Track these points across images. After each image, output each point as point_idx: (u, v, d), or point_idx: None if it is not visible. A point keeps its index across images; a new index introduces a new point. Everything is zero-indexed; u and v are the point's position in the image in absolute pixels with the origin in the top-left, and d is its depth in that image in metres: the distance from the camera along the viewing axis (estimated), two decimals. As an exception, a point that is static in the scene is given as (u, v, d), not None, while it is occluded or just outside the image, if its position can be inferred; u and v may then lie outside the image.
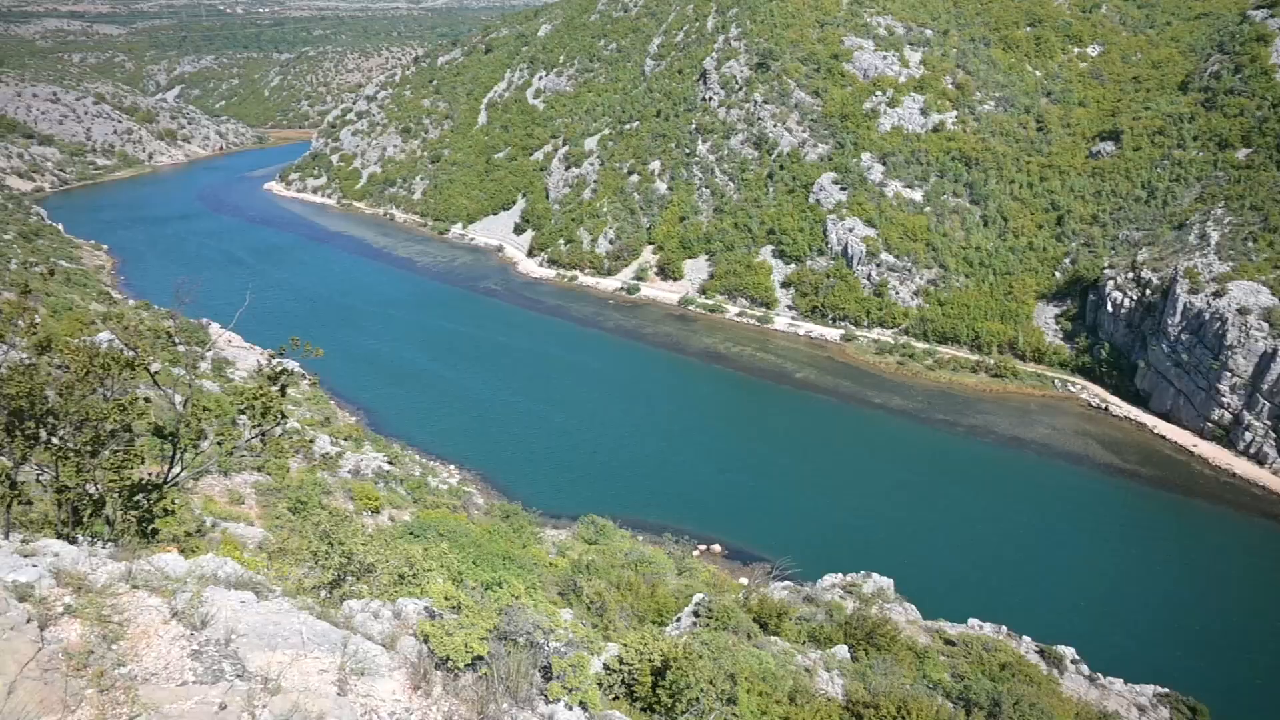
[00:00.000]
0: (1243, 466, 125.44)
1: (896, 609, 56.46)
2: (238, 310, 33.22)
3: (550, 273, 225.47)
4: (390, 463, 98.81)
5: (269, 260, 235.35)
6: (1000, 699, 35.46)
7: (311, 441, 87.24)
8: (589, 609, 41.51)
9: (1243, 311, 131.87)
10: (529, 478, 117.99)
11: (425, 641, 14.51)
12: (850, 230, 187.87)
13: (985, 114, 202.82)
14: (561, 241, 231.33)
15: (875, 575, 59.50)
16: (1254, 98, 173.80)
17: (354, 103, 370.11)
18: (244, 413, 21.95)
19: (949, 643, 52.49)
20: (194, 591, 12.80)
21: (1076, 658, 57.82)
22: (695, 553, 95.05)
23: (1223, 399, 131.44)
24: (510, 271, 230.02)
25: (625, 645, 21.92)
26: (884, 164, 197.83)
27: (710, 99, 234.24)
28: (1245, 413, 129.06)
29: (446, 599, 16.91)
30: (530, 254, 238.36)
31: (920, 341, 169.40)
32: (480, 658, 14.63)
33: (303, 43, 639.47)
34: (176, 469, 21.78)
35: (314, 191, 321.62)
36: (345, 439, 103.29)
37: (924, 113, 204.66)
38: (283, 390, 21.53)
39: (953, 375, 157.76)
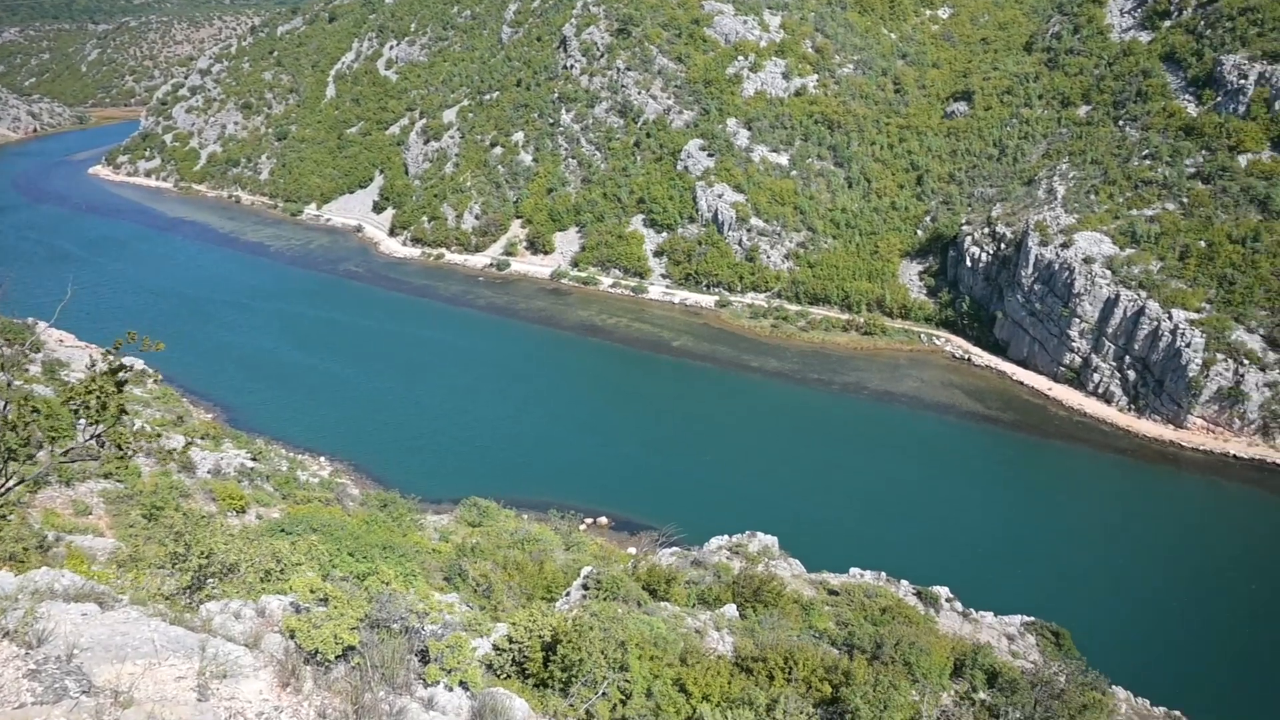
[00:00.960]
0: (1093, 406, 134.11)
1: (782, 565, 57.06)
2: (64, 307, 29.36)
3: (415, 252, 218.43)
4: (254, 459, 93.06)
5: (103, 252, 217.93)
6: (882, 641, 36.13)
7: (157, 436, 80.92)
8: (475, 591, 40.20)
9: (1088, 261, 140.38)
10: (406, 464, 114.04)
11: (292, 637, 14.38)
12: (720, 197, 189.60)
13: (845, 77, 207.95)
14: (425, 219, 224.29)
15: (760, 534, 59.97)
16: (1091, 57, 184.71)
17: (186, 77, 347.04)
18: (77, 412, 19.38)
19: (832, 593, 53.44)
20: (27, 608, 12.09)
21: (950, 596, 60.08)
22: (582, 527, 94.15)
23: (1073, 344, 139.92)
24: (372, 252, 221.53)
25: (514, 624, 21.74)
26: (750, 129, 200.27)
27: (572, 67, 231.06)
28: (1093, 356, 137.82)
29: (313, 592, 16.59)
30: (392, 233, 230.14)
31: (793, 304, 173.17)
32: (352, 648, 14.65)
33: (121, 12, 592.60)
34: (3, 480, 19.13)
35: (147, 175, 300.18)
36: (202, 437, 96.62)
37: (786, 77, 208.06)
38: (120, 385, 19.03)
39: (825, 335, 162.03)
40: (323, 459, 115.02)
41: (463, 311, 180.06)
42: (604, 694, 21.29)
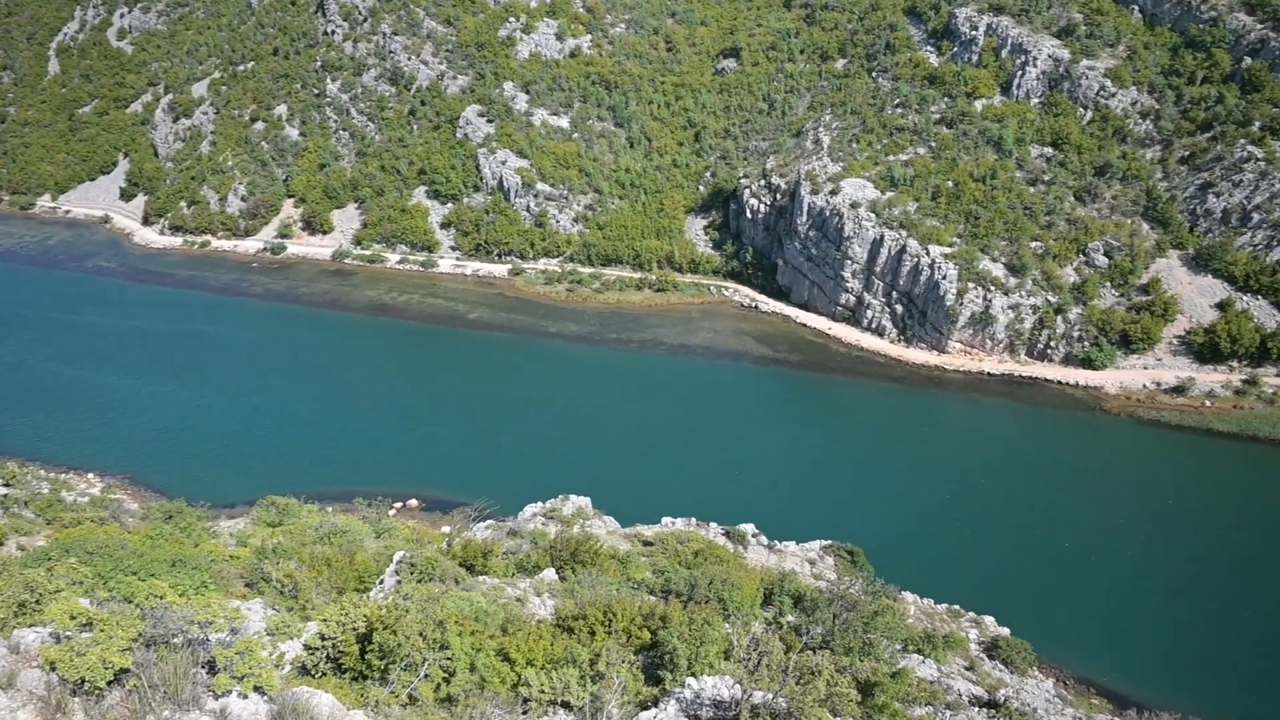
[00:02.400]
0: (869, 341, 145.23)
1: (597, 524, 58.06)
2: None
3: (176, 241, 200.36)
4: (7, 484, 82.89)
5: None
6: (696, 582, 37.67)
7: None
8: (281, 593, 38.05)
9: (854, 206, 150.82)
10: (191, 471, 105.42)
11: (53, 669, 13.70)
12: (503, 163, 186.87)
13: (618, 37, 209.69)
14: (183, 204, 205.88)
15: (573, 497, 60.62)
16: (845, 12, 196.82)
17: None
18: None
19: (647, 543, 55.10)
20: None
21: (756, 532, 63.77)
22: (392, 512, 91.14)
23: (847, 285, 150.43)
24: (125, 244, 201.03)
25: (324, 620, 21.19)
26: (527, 93, 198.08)
27: (333, 32, 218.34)
28: (866, 294, 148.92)
29: (73, 618, 15.62)
30: (147, 222, 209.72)
31: (586, 267, 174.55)
32: (126, 670, 14.03)
33: None
34: None
35: None
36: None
37: (560, 38, 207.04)
38: None
39: (620, 295, 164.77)
40: (91, 476, 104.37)
41: (238, 301, 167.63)
42: (426, 675, 21.01)
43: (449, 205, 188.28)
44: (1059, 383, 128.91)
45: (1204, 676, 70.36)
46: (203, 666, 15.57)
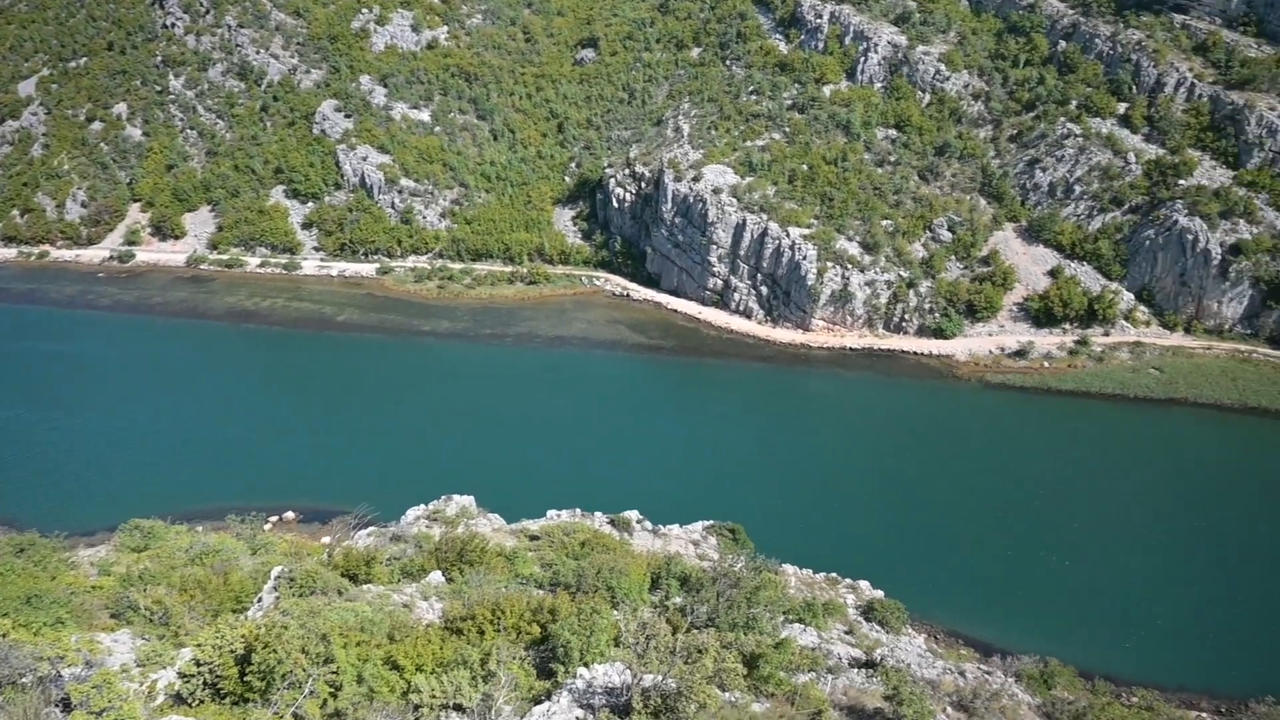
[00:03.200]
0: (738, 323, 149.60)
1: (482, 522, 58.06)
2: None
3: (9, 252, 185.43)
4: None
5: None
6: (584, 573, 38.34)
7: None
8: (151, 621, 36.53)
9: (717, 191, 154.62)
10: (41, 500, 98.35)
11: None
12: (364, 159, 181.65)
13: (475, 28, 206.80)
14: (15, 212, 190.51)
15: (456, 496, 60.33)
16: (696, 1, 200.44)
17: None
18: None
19: (534, 538, 55.54)
20: None
21: (640, 518, 65.09)
22: (267, 527, 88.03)
23: (714, 269, 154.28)
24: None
25: (199, 645, 20.66)
26: (385, 86, 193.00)
27: (174, 25, 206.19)
28: (732, 278, 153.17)
29: None
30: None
31: (456, 262, 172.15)
32: None
33: None
34: None
35: None
36: None
37: (416, 29, 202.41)
38: None
39: (493, 290, 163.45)
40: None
41: (84, 315, 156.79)
42: (311, 692, 20.64)
43: (310, 204, 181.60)
44: (915, 353, 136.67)
45: (1058, 620, 76.12)
46: (57, 705, 14.96)
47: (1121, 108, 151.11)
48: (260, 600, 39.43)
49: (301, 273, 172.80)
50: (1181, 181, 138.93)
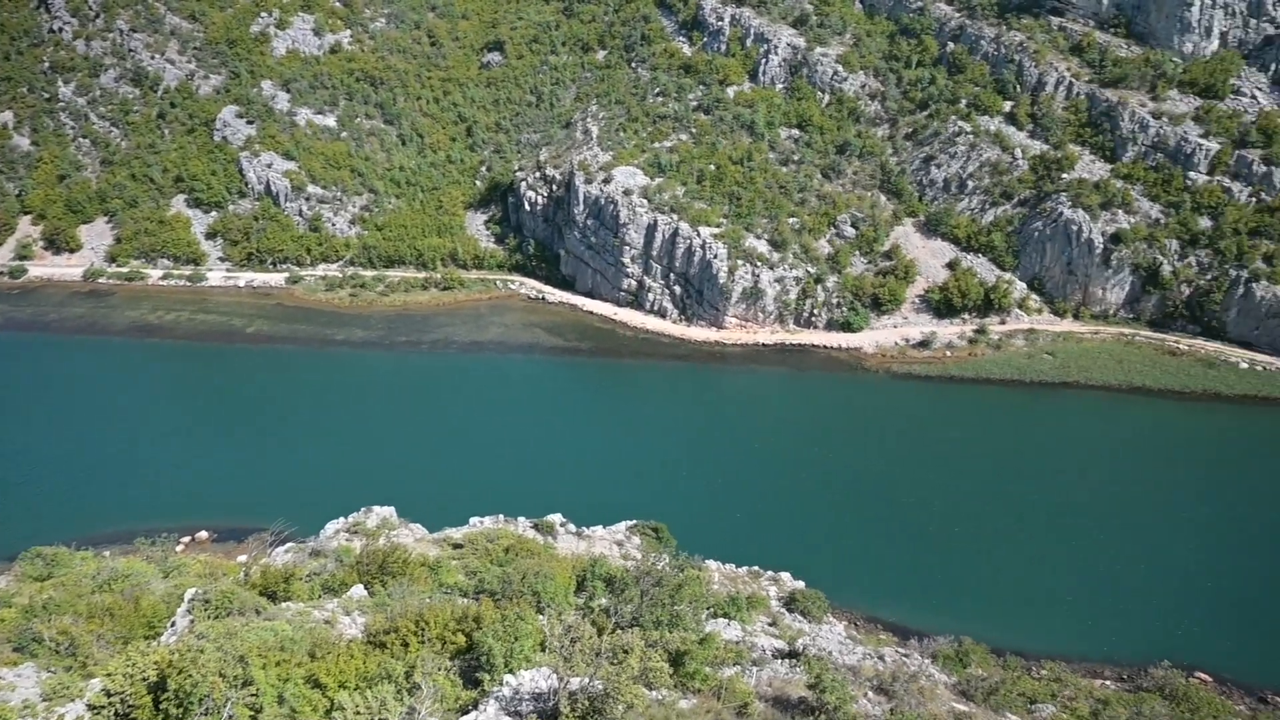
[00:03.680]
0: (653, 323, 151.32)
1: (404, 533, 57.67)
2: None
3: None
4: None
5: None
6: (509, 579, 38.59)
7: None
8: (57, 653, 35.41)
9: (627, 193, 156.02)
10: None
11: None
12: (269, 166, 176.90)
13: (379, 31, 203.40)
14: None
15: (376, 508, 59.73)
16: (600, 4, 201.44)
17: None
18: None
19: (457, 546, 55.44)
20: None
21: (564, 521, 65.50)
22: (179, 548, 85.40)
23: (628, 270, 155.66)
24: None
25: (109, 674, 19.83)
26: (288, 91, 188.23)
27: (61, 30, 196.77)
28: (646, 278, 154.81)
29: None
30: None
31: (368, 270, 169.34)
32: None
33: None
34: None
35: None
36: None
37: (318, 33, 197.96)
38: None
39: (407, 296, 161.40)
40: None
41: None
42: (230, 716, 20.35)
43: (213, 214, 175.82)
44: (825, 347, 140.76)
45: (972, 600, 78.98)
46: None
47: (1007, 106, 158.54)
48: (174, 625, 38.69)
49: (207, 284, 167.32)
50: (1065, 175, 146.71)
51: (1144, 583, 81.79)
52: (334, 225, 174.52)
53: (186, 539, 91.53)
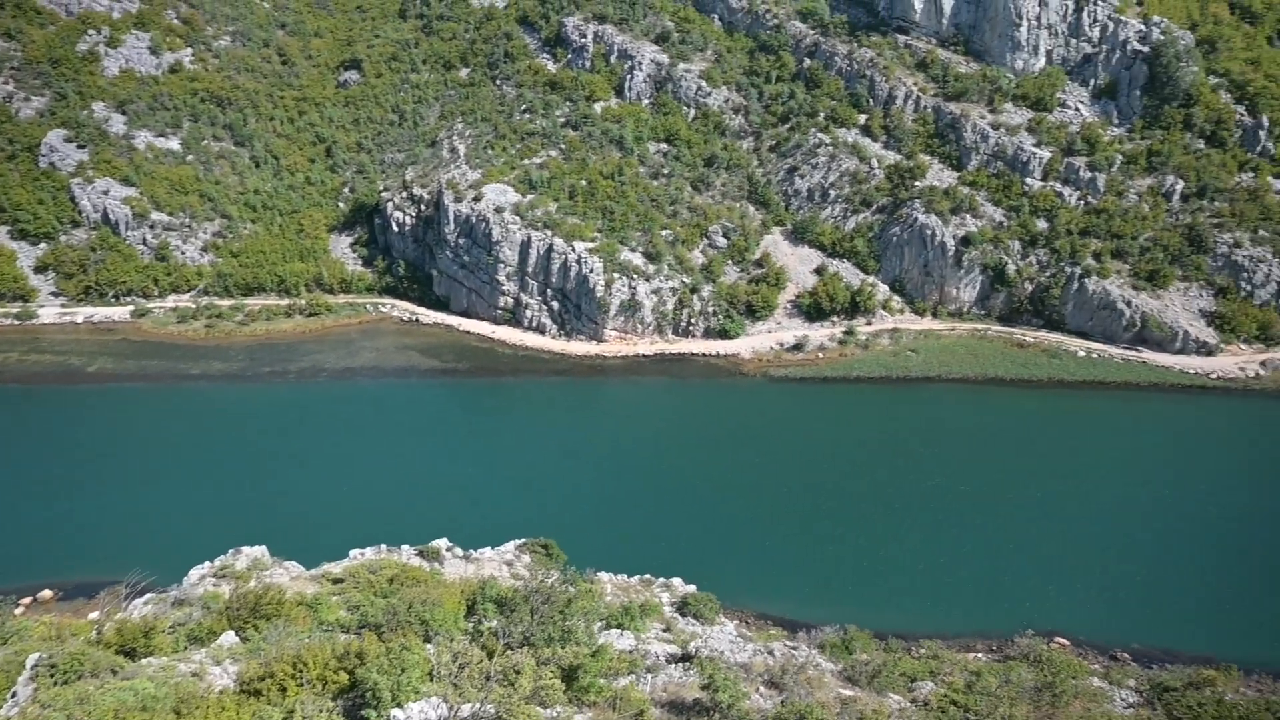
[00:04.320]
0: (532, 340, 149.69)
1: (278, 572, 54.20)
2: None
3: None
4: None
5: None
6: (395, 609, 37.00)
7: None
8: None
9: (499, 210, 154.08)
10: None
11: None
12: (106, 193, 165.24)
13: (224, 50, 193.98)
14: None
15: (246, 548, 56.00)
16: (460, 22, 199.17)
17: None
18: None
19: (338, 581, 52.51)
20: None
21: (450, 545, 63.36)
22: (19, 610, 77.68)
23: (503, 288, 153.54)
24: None
25: None
26: (124, 113, 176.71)
27: None
28: (522, 295, 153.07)
29: None
30: None
31: (225, 299, 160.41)
32: None
33: None
34: None
35: None
36: None
37: (155, 51, 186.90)
38: None
39: (269, 325, 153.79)
40: None
41: None
42: None
43: (43, 246, 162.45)
44: (704, 355, 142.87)
45: (854, 589, 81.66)
46: None
47: (862, 119, 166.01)
48: (14, 695, 34.98)
49: (39, 321, 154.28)
50: (917, 183, 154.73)
51: (1007, 558, 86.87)
52: (183, 254, 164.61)
53: (27, 600, 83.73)
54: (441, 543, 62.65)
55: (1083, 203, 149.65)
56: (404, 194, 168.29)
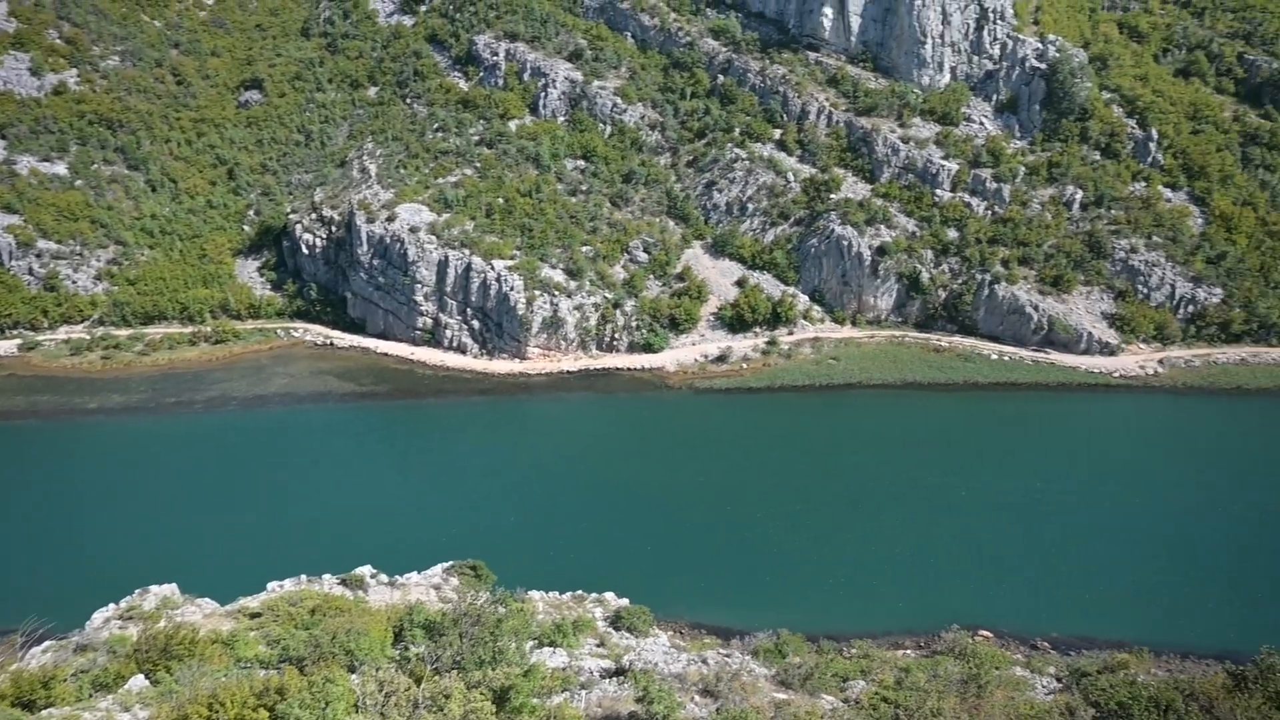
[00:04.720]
0: (453, 360, 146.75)
1: (190, 610, 51.27)
2: None
3: None
4: None
5: None
6: (318, 641, 35.26)
7: None
8: None
9: (414, 230, 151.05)
10: None
11: None
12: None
13: (112, 70, 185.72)
14: None
15: (154, 587, 52.79)
16: (366, 40, 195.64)
17: None
18: None
19: (255, 615, 49.95)
20: None
21: (374, 572, 60.98)
22: (-102, 670, 71.43)
23: (421, 308, 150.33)
24: None
25: None
26: (4, 138, 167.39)
27: None
28: (441, 315, 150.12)
29: None
30: None
31: (122, 328, 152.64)
32: None
33: None
34: None
35: None
36: None
37: (36, 73, 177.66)
38: None
39: (172, 354, 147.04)
40: None
41: None
42: None
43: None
44: (628, 369, 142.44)
45: (785, 594, 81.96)
46: None
47: (777, 133, 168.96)
48: (-106, 762, 31.93)
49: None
50: (833, 195, 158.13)
51: (932, 556, 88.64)
52: (75, 283, 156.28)
53: (-93, 658, 76.89)
54: (365, 570, 60.34)
55: (990, 212, 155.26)
56: (313, 215, 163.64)
